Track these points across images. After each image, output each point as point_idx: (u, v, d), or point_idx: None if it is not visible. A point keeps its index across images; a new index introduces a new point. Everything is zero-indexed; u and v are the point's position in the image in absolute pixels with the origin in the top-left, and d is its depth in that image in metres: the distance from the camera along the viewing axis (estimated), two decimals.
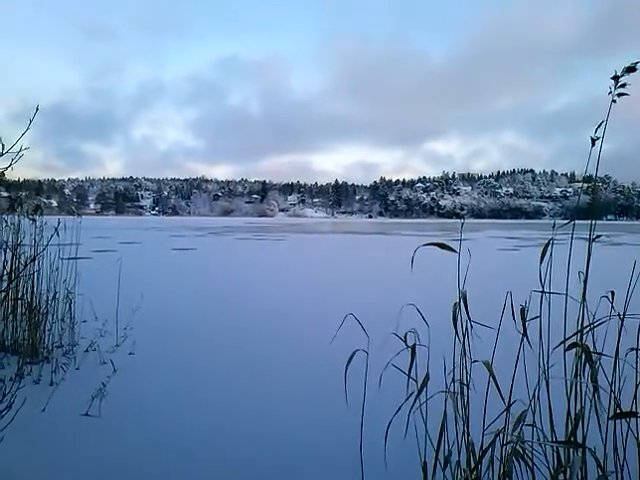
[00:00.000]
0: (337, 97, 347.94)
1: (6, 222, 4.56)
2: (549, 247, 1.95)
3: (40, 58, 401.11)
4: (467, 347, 2.01)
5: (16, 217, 4.67)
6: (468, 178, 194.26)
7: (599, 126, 1.91)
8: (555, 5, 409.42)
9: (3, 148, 2.27)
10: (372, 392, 2.39)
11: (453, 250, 1.97)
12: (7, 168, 2.41)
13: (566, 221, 2.13)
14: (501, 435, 1.89)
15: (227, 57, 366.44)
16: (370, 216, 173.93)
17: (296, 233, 39.80)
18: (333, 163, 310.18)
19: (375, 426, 2.24)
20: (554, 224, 2.05)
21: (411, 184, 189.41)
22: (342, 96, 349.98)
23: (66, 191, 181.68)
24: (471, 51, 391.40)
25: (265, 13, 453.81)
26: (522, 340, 1.93)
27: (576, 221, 2.19)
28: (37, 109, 2.49)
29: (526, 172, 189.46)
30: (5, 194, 4.47)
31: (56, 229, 4.16)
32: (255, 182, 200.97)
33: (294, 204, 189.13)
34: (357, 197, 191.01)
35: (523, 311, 1.92)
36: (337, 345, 3.44)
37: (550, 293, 1.95)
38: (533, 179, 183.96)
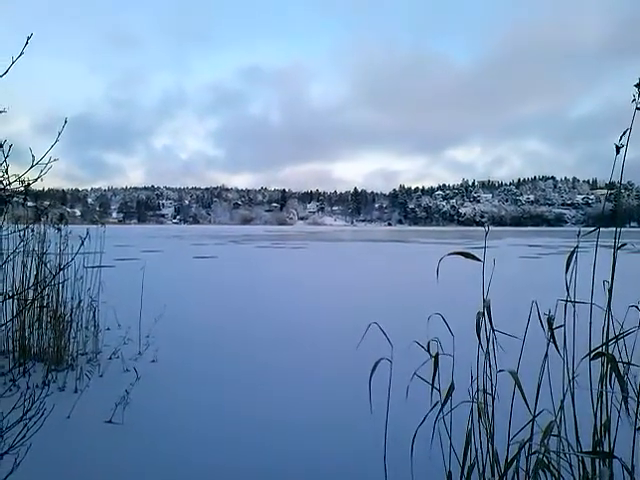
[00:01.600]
0: (358, 105, 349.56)
1: (32, 231, 4.65)
2: (574, 255, 1.93)
3: (63, 68, 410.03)
4: (491, 356, 2.00)
5: (42, 226, 4.76)
6: (488, 185, 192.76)
7: (624, 133, 1.90)
8: (578, 12, 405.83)
9: (33, 160, 2.33)
10: (396, 401, 2.38)
11: (477, 259, 1.97)
12: (36, 180, 2.47)
13: (590, 229, 2.10)
14: (526, 445, 1.86)
15: (249, 66, 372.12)
16: (389, 224, 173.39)
17: (316, 241, 39.80)
18: (353, 171, 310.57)
19: (399, 435, 2.23)
20: (579, 232, 2.03)
21: (431, 192, 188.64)
22: (363, 104, 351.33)
23: (89, 200, 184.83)
24: (493, 56, 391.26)
25: (287, 21, 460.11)
26: (547, 349, 1.91)
27: (600, 229, 2.17)
28: (65, 122, 2.55)
29: (547, 179, 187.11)
30: (31, 204, 4.56)
31: (82, 240, 4.23)
32: (275, 190, 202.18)
33: (313, 212, 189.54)
34: (376, 205, 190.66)
35: (550, 320, 1.90)
36: (360, 354, 3.44)
37: (575, 302, 1.93)
38: (554, 186, 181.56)
